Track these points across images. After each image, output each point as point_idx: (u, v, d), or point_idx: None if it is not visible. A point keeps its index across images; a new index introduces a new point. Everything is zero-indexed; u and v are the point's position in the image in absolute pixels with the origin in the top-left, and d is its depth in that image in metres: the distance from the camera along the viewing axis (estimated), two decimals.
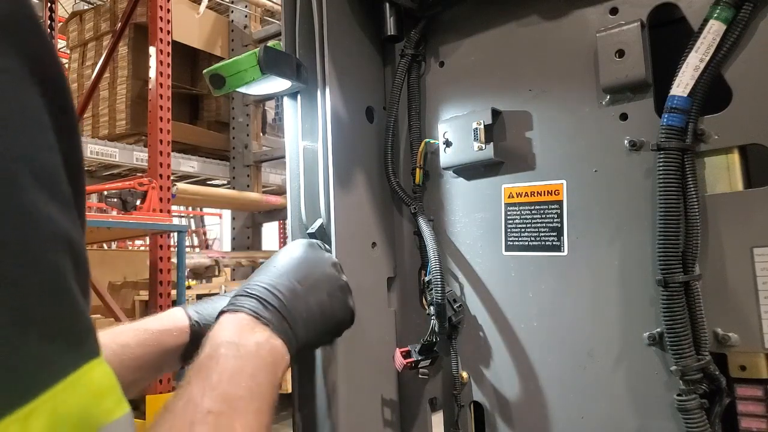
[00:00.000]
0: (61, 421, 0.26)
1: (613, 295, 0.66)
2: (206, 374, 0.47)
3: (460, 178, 0.80)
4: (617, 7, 0.67)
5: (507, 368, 0.74)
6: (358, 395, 0.76)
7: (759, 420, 0.57)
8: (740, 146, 0.60)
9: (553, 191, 0.71)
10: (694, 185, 0.60)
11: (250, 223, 4.03)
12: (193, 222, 8.43)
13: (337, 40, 0.79)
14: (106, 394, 0.29)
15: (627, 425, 0.65)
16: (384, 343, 0.82)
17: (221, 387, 0.46)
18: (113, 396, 0.30)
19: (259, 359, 0.51)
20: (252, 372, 0.49)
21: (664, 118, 0.60)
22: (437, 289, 0.74)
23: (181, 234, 2.81)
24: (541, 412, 0.71)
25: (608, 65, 0.65)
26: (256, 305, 0.56)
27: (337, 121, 0.77)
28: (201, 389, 0.45)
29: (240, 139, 3.99)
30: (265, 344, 0.53)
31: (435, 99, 0.83)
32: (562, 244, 0.70)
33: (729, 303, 0.59)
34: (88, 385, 0.28)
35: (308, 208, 0.79)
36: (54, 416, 0.26)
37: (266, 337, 0.53)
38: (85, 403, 0.28)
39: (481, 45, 0.79)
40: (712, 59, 0.59)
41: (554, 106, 0.71)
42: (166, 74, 2.92)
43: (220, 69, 0.74)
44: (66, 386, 0.27)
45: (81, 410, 0.27)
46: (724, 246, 0.60)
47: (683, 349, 0.58)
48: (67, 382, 0.27)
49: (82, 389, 0.28)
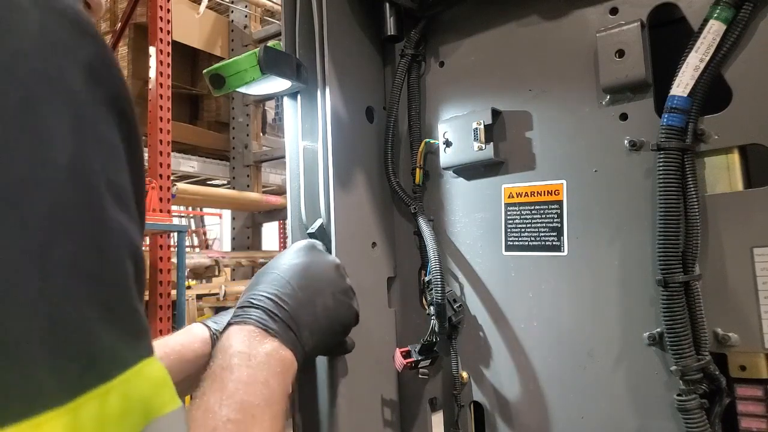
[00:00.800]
0: (131, 403, 0.30)
1: (613, 295, 0.66)
2: (221, 384, 0.48)
3: (460, 178, 0.80)
4: (617, 7, 0.67)
5: (507, 368, 0.74)
6: (358, 395, 0.76)
7: (759, 420, 0.57)
8: (740, 146, 0.60)
9: (553, 191, 0.71)
10: (694, 185, 0.60)
11: (250, 223, 4.03)
12: (193, 222, 8.43)
13: (337, 40, 0.79)
14: (163, 386, 0.33)
15: (627, 425, 0.65)
16: (384, 343, 0.82)
17: (238, 396, 0.47)
18: (169, 390, 0.34)
19: (270, 368, 0.52)
20: (265, 381, 0.51)
21: (664, 118, 0.60)
22: (437, 289, 0.74)
23: (181, 234, 2.80)
24: (541, 412, 0.71)
25: (608, 65, 0.65)
26: (263, 316, 0.57)
27: (337, 121, 0.77)
28: (218, 399, 0.46)
29: (240, 139, 3.99)
30: (275, 354, 0.54)
31: (435, 99, 0.83)
32: (562, 244, 0.70)
33: (729, 303, 0.59)
34: (149, 376, 0.32)
35: (308, 208, 0.79)
36: (125, 398, 0.29)
37: (275, 347, 0.55)
38: (148, 392, 0.31)
39: (481, 45, 0.79)
40: (712, 59, 0.59)
41: (554, 106, 0.71)
42: (166, 74, 2.92)
43: (220, 69, 0.74)
44: (132, 375, 0.30)
45: (145, 397, 0.31)
46: (724, 246, 0.60)
47: (683, 349, 0.58)
48: (133, 371, 0.31)
49: (145, 379, 0.31)
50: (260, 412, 0.48)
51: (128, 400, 0.30)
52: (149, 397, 0.31)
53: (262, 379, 0.51)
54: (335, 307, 0.64)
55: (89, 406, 0.27)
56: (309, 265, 0.65)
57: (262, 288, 0.60)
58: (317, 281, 0.64)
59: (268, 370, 0.52)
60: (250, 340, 0.54)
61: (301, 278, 0.63)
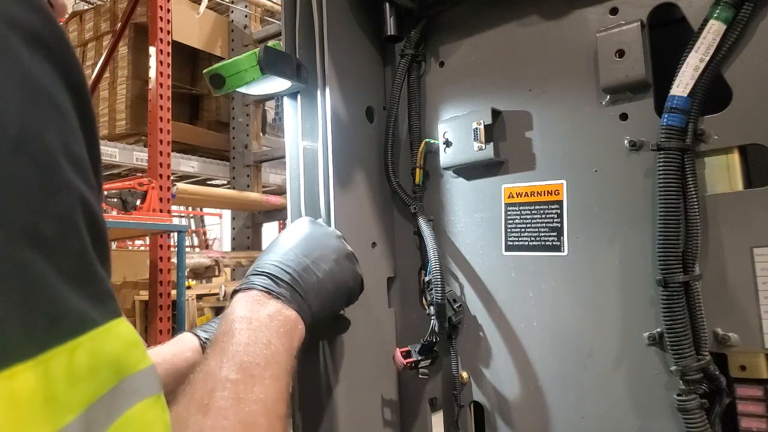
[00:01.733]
0: (100, 359, 0.30)
1: (613, 295, 0.66)
2: (221, 348, 0.49)
3: (460, 178, 0.80)
4: (617, 7, 0.67)
5: (507, 368, 0.74)
6: (358, 395, 0.76)
7: (759, 420, 0.57)
8: (740, 146, 0.60)
9: (553, 191, 0.71)
10: (694, 185, 0.60)
11: (250, 223, 4.03)
12: (193, 222, 8.43)
13: (337, 40, 0.79)
14: (134, 346, 0.33)
15: (627, 425, 0.65)
16: (384, 343, 0.82)
17: (237, 357, 0.48)
18: (139, 348, 0.34)
19: (272, 329, 0.53)
20: (266, 341, 0.51)
21: (664, 118, 0.60)
22: (437, 289, 0.74)
23: (181, 234, 2.80)
24: (541, 412, 0.71)
25: (608, 65, 0.65)
26: (267, 282, 0.59)
27: (337, 121, 0.77)
28: (218, 361, 0.47)
29: (240, 139, 3.99)
30: (278, 315, 0.55)
31: (435, 99, 0.83)
32: (562, 244, 0.70)
33: (729, 303, 0.59)
34: (119, 335, 0.32)
35: (308, 208, 0.79)
36: (94, 354, 0.30)
37: (278, 308, 0.56)
38: (118, 350, 0.32)
39: (481, 45, 0.79)
40: (712, 59, 0.59)
41: (554, 106, 0.71)
42: (166, 74, 2.92)
43: (220, 69, 0.74)
44: (101, 333, 0.31)
45: (114, 355, 0.31)
46: (724, 246, 0.60)
47: (683, 349, 0.58)
48: (101, 329, 0.31)
49: (114, 338, 0.32)
50: (260, 371, 0.48)
51: (97, 357, 0.30)
52: (120, 355, 0.32)
53: (264, 339, 0.51)
54: (340, 270, 0.66)
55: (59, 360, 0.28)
56: (311, 235, 0.67)
57: (266, 258, 0.62)
58: (320, 248, 0.66)
59: (271, 330, 0.53)
60: (252, 304, 0.55)
61: (305, 246, 0.65)
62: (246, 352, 0.49)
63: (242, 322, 0.53)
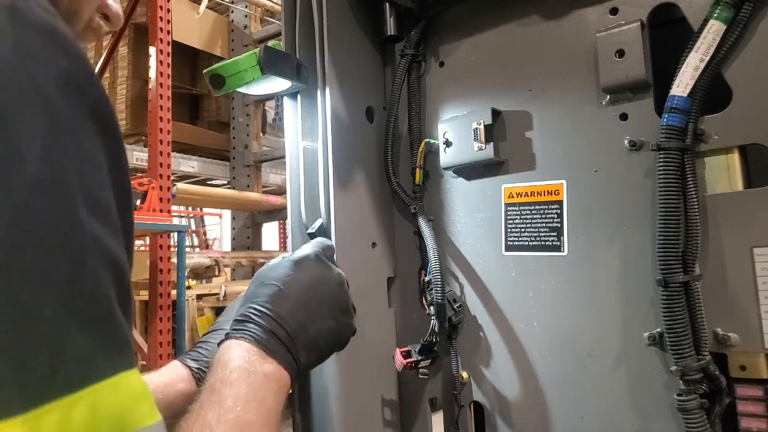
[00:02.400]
0: (100, 416, 0.29)
1: (613, 295, 0.66)
2: (219, 399, 0.48)
3: (460, 178, 0.80)
4: (617, 7, 0.67)
5: (507, 368, 0.74)
6: (358, 395, 0.76)
7: (759, 420, 0.57)
8: (740, 146, 0.60)
9: (553, 191, 0.71)
10: (694, 185, 0.60)
11: (250, 223, 4.03)
12: (193, 222, 8.42)
13: (337, 40, 0.79)
14: (142, 400, 0.32)
15: (627, 425, 0.65)
16: (384, 343, 0.82)
17: (235, 412, 0.47)
18: (147, 403, 0.33)
19: (267, 388, 0.53)
20: (262, 399, 0.51)
21: (664, 118, 0.60)
22: (437, 289, 0.74)
23: (181, 234, 2.80)
24: (541, 412, 0.71)
25: (608, 65, 0.65)
26: (263, 335, 0.56)
27: (337, 121, 0.77)
28: (216, 414, 0.47)
29: (240, 139, 3.99)
30: (273, 375, 0.54)
31: (435, 99, 0.83)
32: (562, 244, 0.70)
33: (729, 303, 0.59)
34: (127, 389, 0.31)
35: (308, 208, 0.79)
36: (93, 410, 0.29)
37: (275, 368, 0.55)
38: (123, 405, 0.31)
39: (481, 45, 0.79)
40: (712, 59, 0.59)
41: (554, 106, 0.71)
42: (166, 74, 2.91)
43: (220, 69, 0.74)
44: (106, 386, 0.30)
45: (119, 410, 0.30)
46: (724, 246, 0.60)
47: (683, 349, 0.58)
48: (108, 383, 0.30)
49: (121, 392, 0.31)
50: (256, 430, 0.48)
51: (97, 413, 0.29)
52: (125, 410, 0.31)
53: (260, 397, 0.51)
54: (336, 328, 0.63)
55: (51, 417, 0.27)
56: (313, 281, 0.63)
57: (262, 302, 0.59)
58: (320, 300, 0.62)
59: (265, 389, 0.52)
60: (249, 356, 0.54)
61: (304, 295, 0.61)
62: (244, 408, 0.48)
63: (241, 374, 0.51)
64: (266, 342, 0.56)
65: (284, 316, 0.58)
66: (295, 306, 0.60)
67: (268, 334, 0.57)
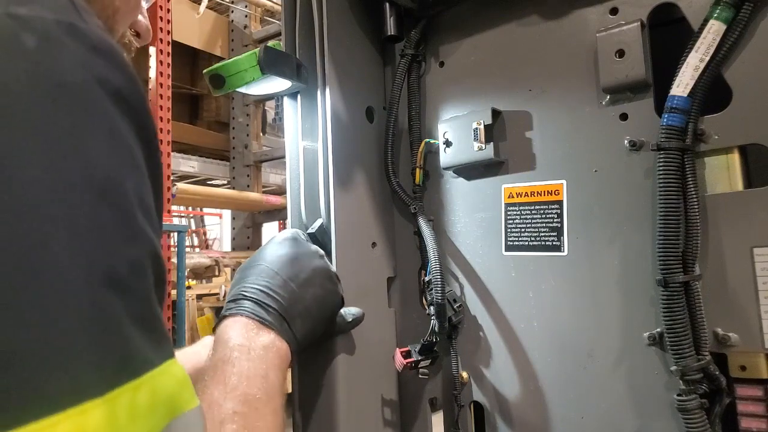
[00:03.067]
0: (158, 398, 0.33)
1: (613, 295, 0.66)
2: (223, 377, 0.50)
3: (460, 178, 0.80)
4: (617, 7, 0.67)
5: (507, 368, 0.74)
6: (358, 395, 0.76)
7: (759, 420, 0.57)
8: (740, 146, 0.60)
9: (553, 191, 0.71)
10: (694, 185, 0.60)
11: (250, 223, 4.03)
12: (193, 222, 8.42)
13: (337, 40, 0.79)
14: (186, 386, 0.36)
15: (627, 425, 0.65)
16: (384, 343, 0.82)
17: (240, 389, 0.49)
18: (189, 389, 0.36)
19: (268, 361, 0.54)
20: (264, 374, 0.52)
21: (664, 118, 0.60)
22: (437, 289, 0.73)
23: (181, 234, 2.80)
24: (541, 412, 0.71)
25: (608, 65, 0.65)
26: (257, 308, 0.58)
27: (337, 121, 0.77)
28: (222, 392, 0.48)
29: (240, 139, 3.98)
30: (272, 346, 0.55)
31: (435, 99, 0.83)
32: (562, 244, 0.70)
33: (729, 303, 0.59)
34: (174, 375, 0.35)
35: (308, 208, 0.79)
36: (153, 393, 0.32)
37: (272, 339, 0.56)
38: (173, 389, 0.34)
39: (481, 45, 0.79)
40: (712, 59, 0.59)
41: (554, 106, 0.71)
42: (166, 74, 2.92)
43: (220, 69, 0.74)
44: (159, 373, 0.33)
45: (170, 394, 0.34)
46: (724, 246, 0.60)
47: (683, 349, 0.58)
48: (160, 369, 0.34)
49: (170, 377, 0.34)
50: (263, 405, 0.49)
51: (156, 396, 0.32)
52: (174, 394, 0.34)
53: (262, 372, 0.52)
54: (324, 295, 0.66)
55: (123, 398, 0.30)
56: (295, 255, 0.66)
57: (252, 280, 0.61)
58: (305, 271, 0.65)
59: (267, 362, 0.53)
60: (247, 332, 0.55)
61: (290, 269, 0.64)
62: (248, 384, 0.50)
63: (241, 351, 0.53)
64: (261, 315, 0.57)
65: (275, 289, 0.60)
66: (284, 279, 0.62)
67: (262, 307, 0.58)
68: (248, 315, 0.57)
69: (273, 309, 0.58)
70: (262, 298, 0.59)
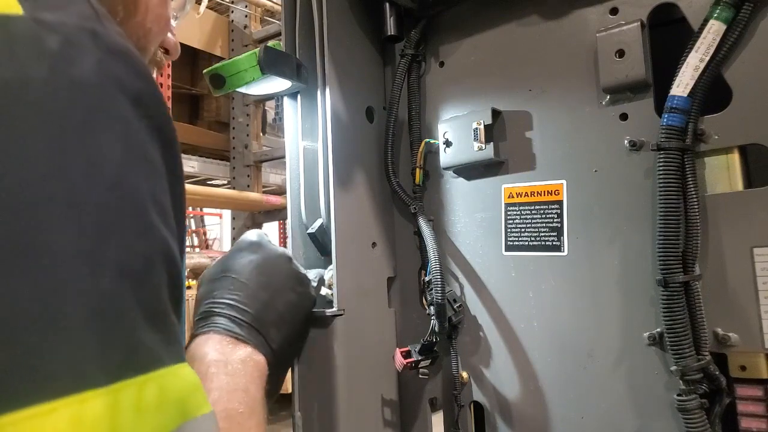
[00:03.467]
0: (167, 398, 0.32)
1: (613, 295, 0.66)
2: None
3: (460, 178, 0.80)
4: (617, 7, 0.67)
5: (507, 368, 0.74)
6: (358, 395, 0.76)
7: (759, 420, 0.57)
8: (740, 146, 0.60)
9: (553, 191, 0.71)
10: (694, 185, 0.60)
11: (250, 223, 4.03)
12: (193, 222, 8.42)
13: (337, 40, 0.79)
14: (198, 390, 0.35)
15: (627, 425, 0.65)
16: (384, 343, 0.82)
17: (221, 404, 0.48)
18: (201, 393, 0.35)
19: (247, 375, 0.53)
20: (245, 388, 0.51)
21: (664, 118, 0.60)
22: (437, 289, 0.73)
23: None
24: (541, 412, 0.71)
25: (608, 65, 0.65)
26: (230, 324, 0.56)
27: (337, 121, 0.77)
28: None
29: (240, 139, 3.98)
30: (249, 360, 0.54)
31: (435, 99, 0.83)
32: (562, 244, 0.70)
33: (729, 303, 0.59)
34: (185, 378, 0.34)
35: (308, 208, 0.79)
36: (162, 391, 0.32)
37: (248, 353, 0.55)
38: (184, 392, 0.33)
39: (481, 45, 0.79)
40: (712, 59, 0.59)
41: (554, 106, 0.71)
42: (166, 74, 2.92)
43: (220, 69, 0.74)
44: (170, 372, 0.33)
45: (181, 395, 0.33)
46: (724, 246, 0.60)
47: (683, 349, 0.58)
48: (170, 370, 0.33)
49: (181, 378, 0.34)
50: (245, 420, 0.48)
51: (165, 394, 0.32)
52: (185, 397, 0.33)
53: (242, 386, 0.51)
54: (297, 300, 0.65)
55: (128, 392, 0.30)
56: (263, 262, 0.64)
57: (220, 294, 0.59)
58: (275, 277, 0.63)
59: (246, 376, 0.52)
60: (222, 347, 0.54)
61: (259, 277, 0.62)
62: (229, 399, 0.49)
63: (218, 366, 0.51)
64: (235, 330, 0.56)
65: (245, 301, 0.59)
66: (254, 289, 0.60)
67: (234, 322, 0.57)
68: (221, 332, 0.55)
69: (246, 323, 0.57)
70: (233, 312, 0.57)
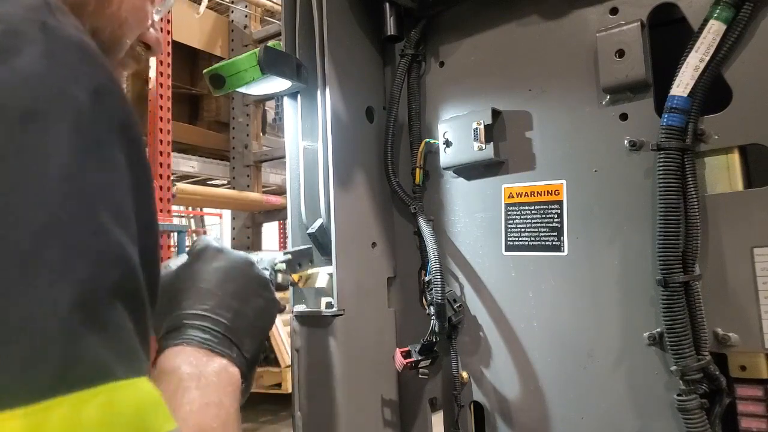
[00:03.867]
0: (116, 415, 0.28)
1: (613, 295, 0.66)
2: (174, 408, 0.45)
3: (460, 178, 0.80)
4: (617, 7, 0.67)
5: (507, 368, 0.74)
6: (358, 395, 0.76)
7: (759, 420, 0.57)
8: (740, 146, 0.60)
9: (553, 191, 0.71)
10: (694, 185, 0.60)
11: (250, 223, 4.03)
12: (193, 222, 8.42)
13: (337, 40, 0.79)
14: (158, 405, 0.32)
15: (627, 425, 0.65)
16: (384, 343, 0.82)
17: (193, 419, 0.46)
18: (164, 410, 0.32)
19: (221, 388, 0.51)
20: (219, 402, 0.49)
21: (664, 118, 0.60)
22: (437, 289, 0.73)
23: (181, 234, 2.81)
24: (541, 412, 0.71)
25: (608, 65, 0.65)
26: (204, 336, 0.54)
27: (337, 121, 0.77)
28: None
29: (240, 139, 3.98)
30: (223, 372, 0.52)
31: (435, 99, 0.83)
32: (562, 244, 0.70)
33: (729, 303, 0.59)
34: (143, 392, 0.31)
35: (308, 208, 0.79)
36: (108, 408, 0.28)
37: (223, 365, 0.53)
38: (141, 407, 0.30)
39: (481, 45, 0.79)
40: (712, 59, 0.59)
41: (554, 106, 0.71)
42: (166, 74, 2.92)
43: (220, 69, 0.74)
44: (122, 386, 0.29)
45: (136, 411, 0.30)
46: (724, 246, 0.60)
47: (683, 349, 0.58)
48: (123, 383, 0.29)
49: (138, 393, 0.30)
50: None
51: (112, 411, 0.28)
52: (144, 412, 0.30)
53: (216, 400, 0.49)
54: (265, 306, 0.62)
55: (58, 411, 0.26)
56: (229, 268, 0.61)
57: (190, 304, 0.56)
58: (244, 286, 0.60)
59: (219, 390, 0.50)
60: (196, 359, 0.51)
61: (227, 284, 0.59)
62: (201, 413, 0.47)
63: (191, 380, 0.49)
64: (209, 342, 0.53)
65: (218, 311, 0.56)
66: (224, 297, 0.58)
67: (208, 333, 0.54)
68: (195, 344, 0.52)
69: (220, 333, 0.54)
70: (206, 323, 0.54)
